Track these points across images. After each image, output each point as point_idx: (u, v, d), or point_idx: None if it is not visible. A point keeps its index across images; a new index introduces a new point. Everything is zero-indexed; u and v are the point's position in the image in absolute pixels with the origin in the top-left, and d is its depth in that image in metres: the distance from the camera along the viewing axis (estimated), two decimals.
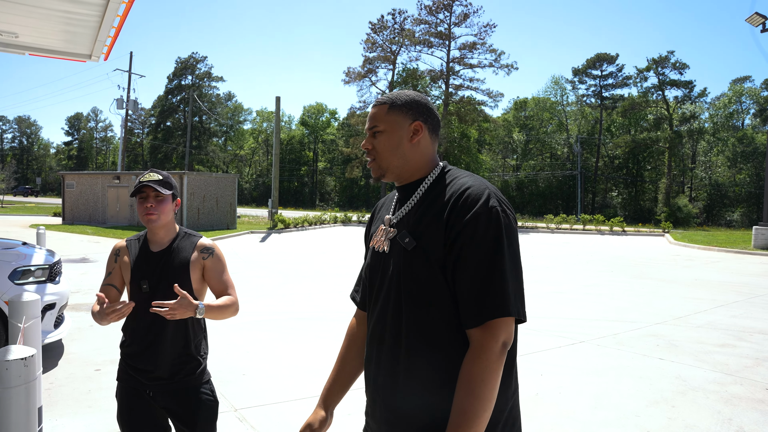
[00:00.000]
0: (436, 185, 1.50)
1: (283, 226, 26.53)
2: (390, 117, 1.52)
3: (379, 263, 1.54)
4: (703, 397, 4.80)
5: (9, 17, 5.97)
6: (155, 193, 2.29)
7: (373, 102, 1.65)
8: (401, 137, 1.52)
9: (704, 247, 22.12)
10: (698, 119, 59.21)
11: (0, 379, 1.96)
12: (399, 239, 1.46)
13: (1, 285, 4.96)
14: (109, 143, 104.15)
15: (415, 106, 1.54)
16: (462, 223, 1.36)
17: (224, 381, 4.90)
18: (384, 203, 1.69)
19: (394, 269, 1.47)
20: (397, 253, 1.47)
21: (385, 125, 1.52)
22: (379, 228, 1.58)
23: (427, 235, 1.41)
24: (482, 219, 1.35)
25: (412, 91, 1.57)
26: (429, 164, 1.55)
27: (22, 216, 33.33)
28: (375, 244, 1.57)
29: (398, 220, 1.52)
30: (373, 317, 1.55)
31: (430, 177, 1.52)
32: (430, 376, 1.40)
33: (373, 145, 1.54)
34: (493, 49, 46.01)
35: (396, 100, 1.54)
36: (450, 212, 1.38)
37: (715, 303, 9.60)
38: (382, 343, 1.50)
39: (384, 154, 1.53)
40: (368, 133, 1.55)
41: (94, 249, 16.36)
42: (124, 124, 41.73)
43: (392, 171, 1.54)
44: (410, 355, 1.42)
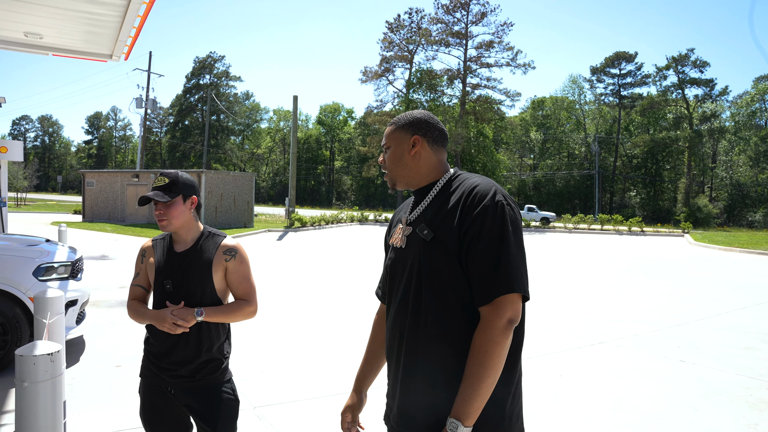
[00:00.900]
0: (448, 187, 1.70)
1: (300, 225, 26.64)
2: (394, 135, 1.78)
3: (398, 258, 1.73)
4: (727, 401, 4.72)
5: (34, 19, 6.07)
6: (158, 201, 2.30)
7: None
8: (403, 150, 1.76)
9: (725, 248, 21.77)
10: (719, 118, 58.29)
11: (28, 373, 1.99)
12: (418, 232, 1.64)
13: (25, 281, 5.04)
14: (128, 142, 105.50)
15: (415, 123, 1.77)
16: (473, 214, 1.54)
17: (243, 379, 4.93)
18: (402, 208, 1.89)
19: (413, 260, 1.64)
20: (415, 246, 1.65)
21: (390, 142, 1.79)
22: (398, 228, 1.78)
23: (444, 227, 1.59)
24: (490, 211, 1.54)
25: (418, 111, 1.81)
26: (435, 170, 1.76)
27: (44, 213, 33.90)
28: (393, 242, 1.78)
29: (414, 218, 1.71)
30: (394, 307, 1.71)
31: (441, 181, 1.73)
32: (446, 360, 1.56)
33: (384, 160, 1.81)
34: (510, 47, 45.79)
35: (400, 120, 1.80)
36: (462, 206, 1.58)
37: (738, 305, 9.44)
38: (403, 329, 1.65)
39: (391, 167, 1.79)
40: (383, 150, 1.83)
41: (114, 246, 16.56)
42: (143, 123, 42.20)
43: (401, 180, 1.78)
44: (429, 340, 1.58)
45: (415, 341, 1.60)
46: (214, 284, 2.33)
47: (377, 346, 1.95)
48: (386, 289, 1.84)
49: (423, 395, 1.59)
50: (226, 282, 2.39)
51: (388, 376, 1.76)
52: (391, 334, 1.71)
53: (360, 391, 1.95)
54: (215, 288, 2.34)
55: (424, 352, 1.58)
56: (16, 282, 5.00)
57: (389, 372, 1.76)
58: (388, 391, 1.78)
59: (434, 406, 1.56)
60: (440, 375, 1.56)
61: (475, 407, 1.46)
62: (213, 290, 2.33)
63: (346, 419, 1.92)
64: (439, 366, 1.56)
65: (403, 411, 1.65)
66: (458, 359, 1.54)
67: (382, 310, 1.96)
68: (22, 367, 2.02)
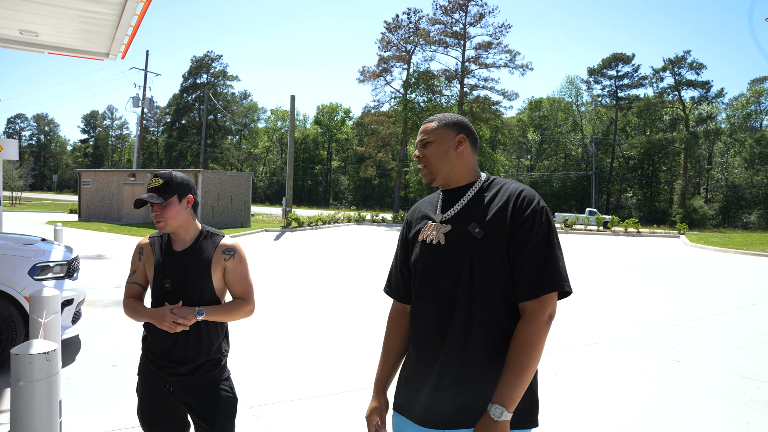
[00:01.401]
0: (488, 189, 1.79)
1: (297, 225, 26.63)
2: (439, 131, 1.84)
3: (435, 255, 1.77)
4: (720, 400, 4.75)
5: (30, 17, 6.06)
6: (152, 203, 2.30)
7: (425, 121, 1.92)
8: (448, 147, 1.82)
9: (721, 249, 21.86)
10: (715, 120, 58.49)
11: (24, 372, 1.99)
12: (470, 229, 1.71)
13: (21, 280, 5.03)
14: (125, 141, 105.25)
15: (459, 123, 1.86)
16: (524, 217, 1.67)
17: (239, 378, 4.93)
18: (420, 206, 1.95)
19: (461, 257, 1.70)
20: (461, 244, 1.72)
21: (434, 137, 1.83)
22: (428, 224, 1.83)
23: (493, 227, 1.69)
24: (538, 216, 1.68)
25: (456, 114, 1.91)
26: (472, 172, 1.85)
27: (39, 213, 33.80)
28: (426, 238, 1.81)
29: (451, 217, 1.78)
30: (431, 299, 1.75)
31: (479, 183, 1.83)
32: (494, 346, 1.68)
33: (423, 155, 1.84)
34: (508, 49, 45.88)
35: (444, 118, 1.87)
36: (513, 208, 1.69)
37: (733, 305, 9.48)
38: (447, 325, 1.71)
39: (435, 161, 1.82)
40: (419, 145, 1.86)
41: (110, 246, 16.53)
42: (140, 122, 42.10)
43: (441, 175, 1.83)
44: (482, 329, 1.67)
45: (466, 335, 1.68)
46: (213, 283, 2.34)
47: (396, 344, 1.96)
48: (401, 285, 1.93)
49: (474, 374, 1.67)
50: (225, 281, 2.40)
51: (418, 365, 1.78)
52: (428, 329, 1.75)
53: (384, 392, 1.95)
54: (214, 287, 2.35)
55: (478, 336, 1.67)
56: (12, 281, 4.99)
57: (419, 363, 1.78)
58: (412, 384, 1.79)
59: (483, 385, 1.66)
60: (489, 355, 1.67)
61: (518, 394, 1.59)
62: (212, 289, 2.34)
63: (373, 422, 1.89)
64: (490, 347, 1.68)
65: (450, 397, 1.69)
66: (503, 342, 1.68)
67: (398, 307, 1.98)
68: (17, 365, 2.02)
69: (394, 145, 53.84)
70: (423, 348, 1.78)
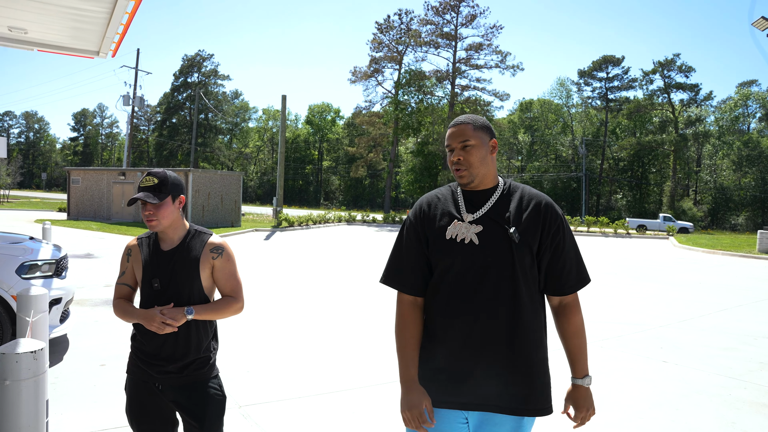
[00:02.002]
0: (511, 193, 1.94)
1: (287, 225, 26.57)
2: (477, 134, 1.92)
3: (466, 253, 1.84)
4: (707, 401, 4.79)
5: (19, 13, 6.01)
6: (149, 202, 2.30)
7: (455, 122, 1.96)
8: (487, 151, 1.93)
9: (709, 250, 22.06)
10: (704, 122, 59.00)
11: (11, 371, 1.98)
12: (511, 233, 1.83)
13: (8, 279, 4.99)
14: (115, 139, 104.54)
15: (490, 128, 1.98)
16: (555, 225, 1.89)
17: (229, 378, 4.92)
18: (434, 202, 1.97)
19: (502, 258, 1.83)
20: (497, 243, 1.84)
21: (474, 140, 1.91)
22: (455, 223, 1.88)
23: (528, 231, 1.86)
24: (564, 222, 1.93)
25: (480, 116, 1.98)
26: (496, 175, 1.98)
27: (28, 211, 33.48)
28: (455, 236, 1.87)
29: (480, 217, 1.88)
30: (468, 297, 1.83)
31: (501, 186, 1.95)
32: (535, 335, 1.90)
33: (464, 157, 1.90)
34: (499, 50, 46.03)
35: (476, 120, 1.95)
36: (544, 217, 1.88)
37: (720, 306, 9.57)
38: (494, 317, 1.83)
39: (476, 164, 1.90)
40: (458, 147, 1.91)
41: (99, 245, 16.42)
42: (130, 120, 41.84)
43: (479, 177, 1.91)
44: (522, 321, 1.85)
45: (510, 329, 1.84)
46: (202, 282, 2.35)
47: (417, 337, 1.93)
48: (418, 279, 1.92)
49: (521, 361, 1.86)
50: (213, 279, 2.41)
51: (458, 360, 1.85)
52: (471, 326, 1.83)
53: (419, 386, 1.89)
54: (203, 286, 2.35)
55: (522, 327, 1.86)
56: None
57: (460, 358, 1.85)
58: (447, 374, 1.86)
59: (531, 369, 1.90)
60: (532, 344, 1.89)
61: (587, 365, 2.01)
62: (201, 288, 2.34)
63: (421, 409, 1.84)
64: (532, 336, 1.89)
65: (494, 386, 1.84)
66: (541, 331, 1.95)
67: (410, 300, 1.95)
68: (4, 364, 2.00)
69: (385, 145, 53.84)
70: (464, 344, 1.85)
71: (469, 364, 1.84)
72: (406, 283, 1.94)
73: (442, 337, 1.87)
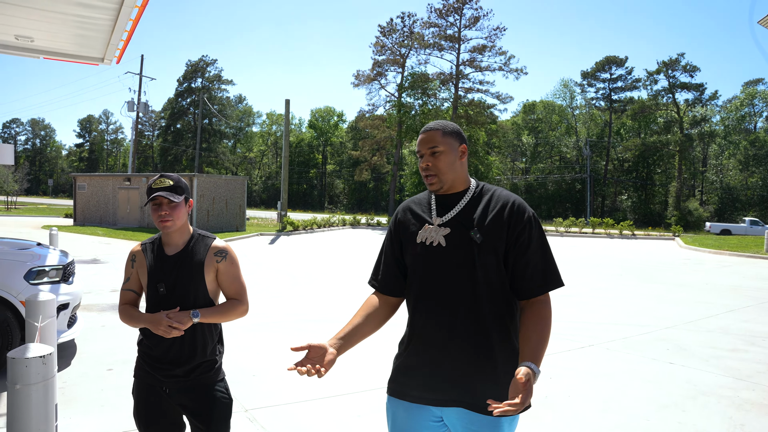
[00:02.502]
0: (481, 195, 1.96)
1: (292, 229, 26.62)
2: (446, 140, 1.94)
3: (434, 255, 1.91)
4: (715, 402, 4.78)
5: (26, 22, 6.07)
6: (168, 200, 2.33)
7: (425, 128, 2.00)
8: (455, 156, 1.95)
9: (715, 251, 21.96)
10: (709, 122, 58.74)
11: (20, 376, 2.00)
12: (472, 235, 1.87)
13: (17, 285, 5.03)
14: (120, 145, 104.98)
15: (460, 133, 1.99)
16: (521, 225, 1.88)
17: (235, 382, 4.93)
18: (411, 207, 2.06)
19: (464, 259, 1.87)
20: (461, 246, 1.88)
21: (443, 146, 1.93)
22: (425, 227, 1.95)
23: (492, 233, 1.87)
24: (532, 222, 1.90)
25: (450, 122, 2.01)
26: (467, 178, 2.00)
27: (35, 217, 33.66)
28: (424, 240, 1.94)
29: (448, 220, 1.92)
30: (434, 298, 1.90)
31: (472, 189, 1.98)
32: (499, 335, 1.88)
33: (434, 164, 1.93)
34: (502, 52, 45.99)
35: (446, 127, 1.97)
36: (509, 217, 1.88)
37: (727, 307, 9.53)
38: (452, 318, 1.87)
39: (445, 170, 1.93)
40: (427, 153, 1.94)
41: (105, 250, 16.49)
42: (135, 126, 42.05)
43: (448, 183, 1.95)
44: (484, 322, 1.86)
45: (471, 330, 1.86)
46: (207, 285, 2.37)
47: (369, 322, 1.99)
48: (392, 280, 2.04)
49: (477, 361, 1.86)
50: (218, 283, 2.43)
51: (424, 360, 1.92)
52: (434, 329, 1.89)
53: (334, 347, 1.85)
54: (207, 289, 2.38)
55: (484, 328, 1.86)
56: (7, 285, 4.99)
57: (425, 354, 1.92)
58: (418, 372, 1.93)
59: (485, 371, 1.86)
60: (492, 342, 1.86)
61: (542, 357, 1.80)
62: (205, 291, 2.37)
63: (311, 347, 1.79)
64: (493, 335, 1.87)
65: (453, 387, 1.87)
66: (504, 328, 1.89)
67: (382, 298, 2.07)
68: (14, 369, 2.03)
69: (389, 148, 53.90)
70: (429, 343, 1.91)
71: (436, 361, 1.90)
72: (380, 283, 2.09)
73: (413, 336, 1.96)
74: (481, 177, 42.14)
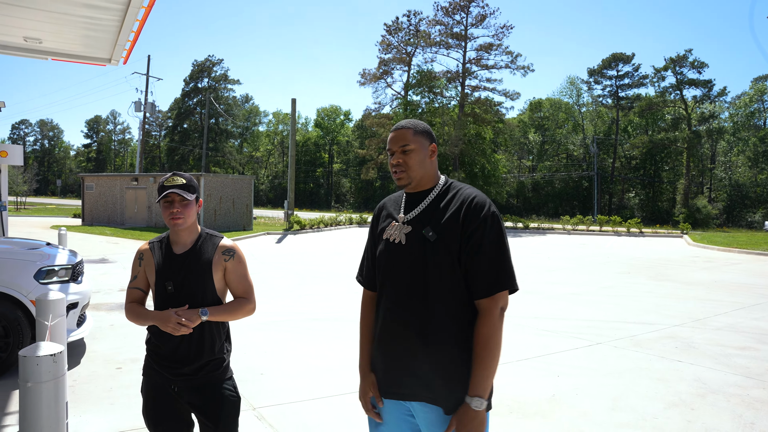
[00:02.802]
0: (446, 193, 1.96)
1: (298, 228, 26.67)
2: (417, 138, 1.97)
3: (396, 253, 1.94)
4: (724, 401, 4.75)
5: (34, 24, 6.11)
6: (180, 198, 2.34)
7: (396, 126, 2.02)
8: (425, 154, 1.98)
9: (724, 248, 21.82)
10: (718, 119, 58.31)
11: (32, 374, 2.02)
12: (424, 233, 1.88)
13: (27, 284, 5.07)
14: (127, 145, 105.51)
15: (429, 132, 2.03)
16: (476, 223, 1.84)
17: (242, 380, 4.96)
18: (387, 204, 2.11)
19: (418, 257, 1.88)
20: (418, 245, 1.89)
21: (414, 144, 1.96)
22: (392, 224, 2.00)
23: (447, 231, 1.86)
24: (489, 220, 1.85)
25: (420, 120, 2.04)
26: (435, 176, 2.02)
27: (44, 217, 33.90)
28: (390, 237, 1.98)
29: (412, 218, 1.94)
30: (392, 298, 1.93)
31: (438, 187, 1.99)
32: (447, 333, 1.85)
33: (404, 161, 1.96)
34: (509, 50, 45.76)
35: (417, 126, 2.00)
36: (465, 215, 1.86)
37: (736, 305, 9.48)
38: (407, 321, 1.89)
39: (415, 167, 1.96)
40: (397, 150, 1.97)
41: (113, 250, 16.59)
42: (142, 126, 42.23)
43: (417, 181, 1.97)
44: (433, 320, 1.85)
45: (423, 326, 1.86)
46: (215, 284, 2.39)
47: (371, 329, 2.11)
48: (372, 275, 2.10)
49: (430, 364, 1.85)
50: (225, 281, 2.44)
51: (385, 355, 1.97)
52: (392, 324, 1.93)
53: (370, 371, 2.07)
54: (215, 288, 2.39)
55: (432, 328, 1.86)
56: (18, 285, 5.04)
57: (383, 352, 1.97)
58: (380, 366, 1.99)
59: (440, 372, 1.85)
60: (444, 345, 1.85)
61: (489, 383, 1.80)
62: (213, 290, 2.38)
63: (369, 398, 2.04)
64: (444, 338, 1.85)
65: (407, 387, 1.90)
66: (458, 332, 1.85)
67: (369, 295, 2.15)
68: (25, 367, 2.05)
69: None
70: (386, 335, 1.96)
71: (395, 356, 1.93)
72: (365, 278, 2.16)
73: (378, 331, 2.01)
74: (488, 175, 42.03)
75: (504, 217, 37.99)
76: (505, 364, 5.72)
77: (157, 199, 2.35)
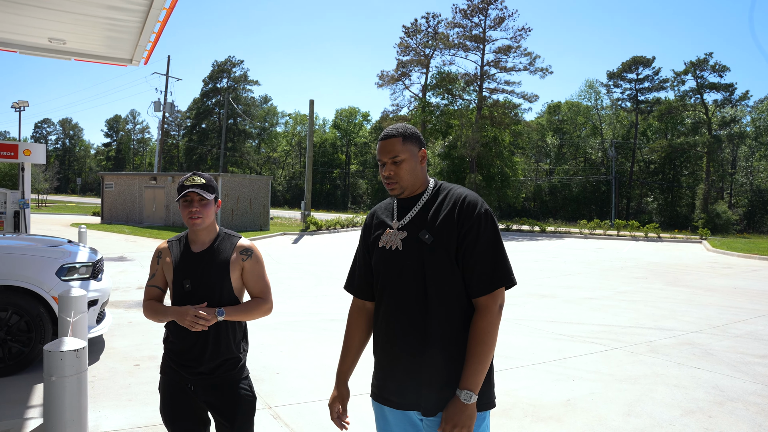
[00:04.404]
0: (436, 196, 1.96)
1: (315, 228, 26.77)
2: (407, 147, 1.95)
3: (393, 260, 1.94)
4: (743, 409, 4.69)
5: (58, 25, 6.23)
6: (200, 197, 2.38)
7: (384, 135, 1.99)
8: (416, 162, 1.97)
9: (744, 255, 21.47)
10: (739, 123, 57.40)
11: (56, 368, 2.07)
12: (420, 236, 1.88)
13: (49, 281, 5.17)
14: (146, 145, 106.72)
15: (418, 136, 2.00)
16: (470, 222, 1.85)
17: (259, 379, 5.01)
18: (378, 212, 2.10)
19: (416, 261, 1.88)
20: (414, 248, 1.89)
21: (404, 154, 1.94)
22: (386, 231, 1.99)
23: (443, 233, 1.87)
24: (482, 219, 1.87)
25: (408, 125, 2.01)
26: (426, 180, 2.01)
27: (64, 215, 34.43)
28: (386, 245, 1.97)
29: (406, 223, 1.95)
30: (393, 300, 1.93)
31: (428, 191, 1.98)
32: (449, 336, 1.86)
33: (396, 172, 1.94)
34: (528, 52, 45.53)
35: (405, 131, 1.97)
36: (459, 214, 1.86)
37: (756, 313, 9.33)
38: (407, 326, 1.89)
39: (407, 177, 1.95)
40: (389, 162, 1.94)
41: (132, 248, 16.80)
42: (161, 126, 42.70)
43: (408, 189, 1.97)
44: (435, 323, 1.85)
45: (425, 330, 1.86)
46: (232, 283, 2.41)
47: (356, 340, 2.16)
48: (364, 284, 2.09)
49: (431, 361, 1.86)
50: (243, 281, 2.47)
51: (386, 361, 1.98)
52: (393, 330, 1.93)
53: (345, 383, 2.17)
54: (233, 287, 2.42)
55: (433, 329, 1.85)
56: (40, 281, 5.13)
57: (384, 359, 1.99)
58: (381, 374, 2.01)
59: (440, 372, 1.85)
60: (445, 344, 1.85)
61: (481, 379, 1.81)
62: (230, 289, 2.41)
63: (335, 410, 2.11)
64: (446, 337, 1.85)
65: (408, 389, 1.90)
66: (457, 331, 1.86)
67: (358, 304, 2.14)
68: (50, 362, 2.10)
69: None
70: (389, 343, 1.96)
71: (395, 364, 1.94)
72: (356, 287, 2.14)
73: (377, 339, 2.03)
74: (506, 179, 41.88)
75: (521, 221, 37.78)
76: (521, 367, 5.70)
77: (177, 198, 2.39)
